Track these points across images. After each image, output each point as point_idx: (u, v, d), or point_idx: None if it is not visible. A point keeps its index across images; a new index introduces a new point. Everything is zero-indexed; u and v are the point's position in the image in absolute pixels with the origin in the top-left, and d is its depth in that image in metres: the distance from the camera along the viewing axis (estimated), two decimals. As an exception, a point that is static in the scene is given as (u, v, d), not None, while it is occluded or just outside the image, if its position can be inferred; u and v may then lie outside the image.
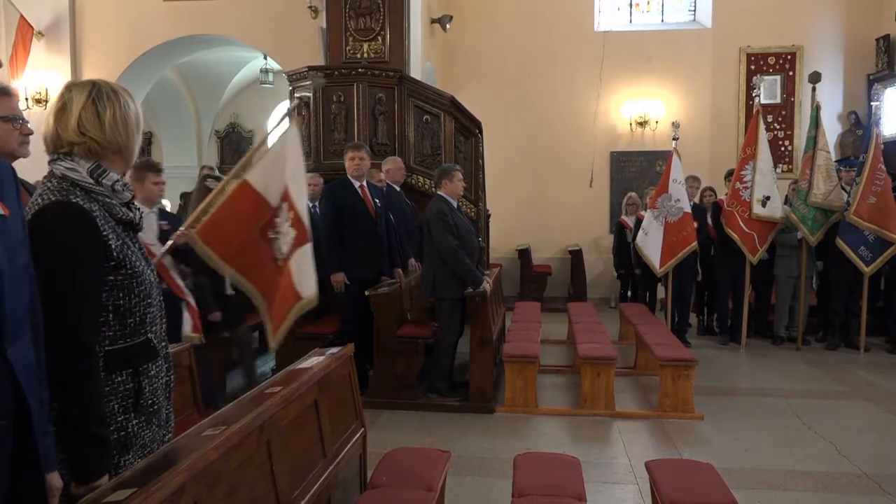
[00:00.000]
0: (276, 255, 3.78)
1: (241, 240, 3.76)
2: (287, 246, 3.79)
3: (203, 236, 3.72)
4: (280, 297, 3.75)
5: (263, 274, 3.74)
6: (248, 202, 3.79)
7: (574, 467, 3.01)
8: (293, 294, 3.81)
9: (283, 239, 3.78)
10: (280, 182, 3.84)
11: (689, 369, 5.27)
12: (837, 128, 10.49)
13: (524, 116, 10.84)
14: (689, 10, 11.11)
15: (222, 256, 3.73)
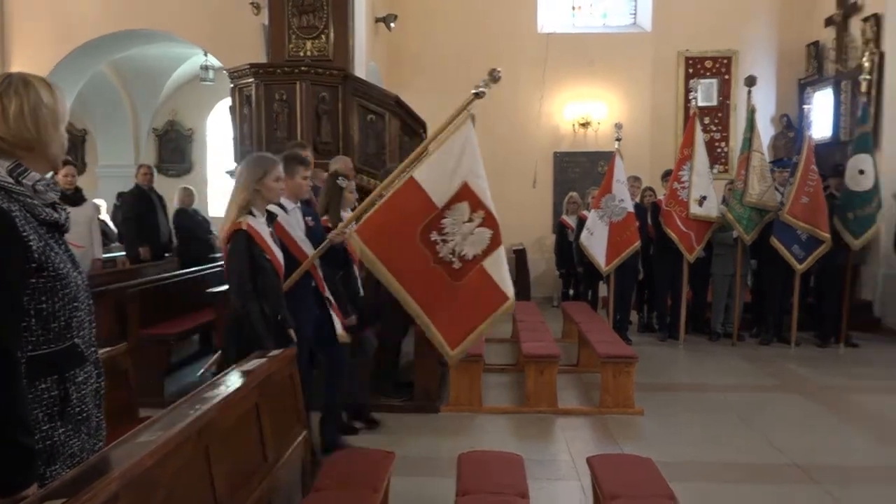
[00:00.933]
0: (448, 259, 3.63)
1: (400, 241, 3.62)
2: (473, 248, 3.66)
3: (363, 235, 3.62)
4: (461, 302, 3.62)
5: (421, 280, 3.61)
6: (412, 200, 3.63)
7: (517, 465, 3.04)
8: (497, 295, 3.68)
9: (465, 242, 3.64)
10: (450, 182, 3.67)
11: (630, 366, 5.37)
12: (771, 130, 10.85)
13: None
14: (631, 13, 11.34)
15: (380, 257, 3.63)
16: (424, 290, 3.62)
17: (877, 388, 6.18)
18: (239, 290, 3.35)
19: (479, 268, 3.65)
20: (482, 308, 3.66)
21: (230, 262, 3.38)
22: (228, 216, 3.42)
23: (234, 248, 3.35)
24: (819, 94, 10.26)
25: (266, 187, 3.46)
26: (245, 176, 3.46)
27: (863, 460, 4.49)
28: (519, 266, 10.46)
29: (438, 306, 3.61)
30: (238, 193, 3.44)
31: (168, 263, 7.88)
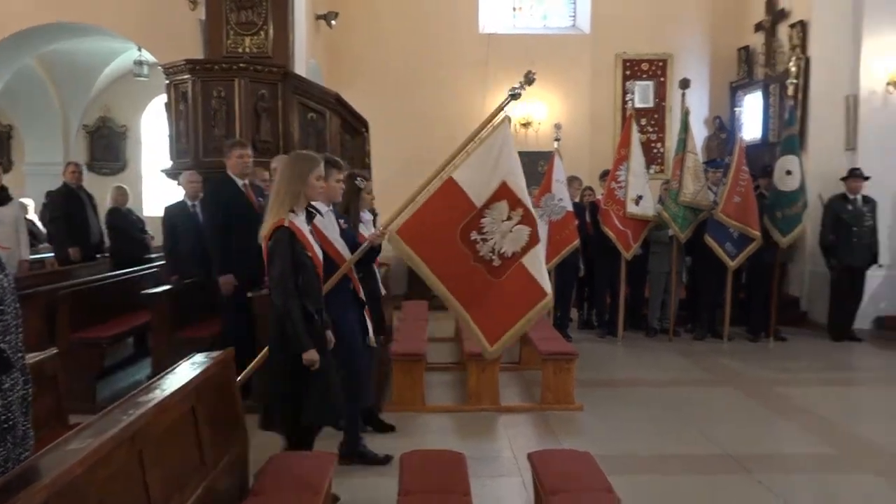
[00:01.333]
0: (488, 257, 3.68)
1: (441, 241, 3.69)
2: (513, 246, 3.69)
3: (404, 236, 3.69)
4: (501, 299, 3.66)
5: (462, 279, 3.66)
6: (452, 200, 3.71)
7: (459, 463, 3.05)
8: (535, 292, 3.70)
9: (504, 240, 3.67)
10: (489, 181, 3.73)
11: (570, 362, 5.47)
12: (704, 131, 11.17)
13: (411, 115, 10.87)
14: (570, 15, 11.51)
15: (422, 257, 3.71)
16: (465, 288, 3.71)
17: (803, 381, 6.44)
18: (280, 287, 3.30)
19: (518, 265, 3.72)
20: (522, 304, 3.73)
21: (272, 258, 3.33)
22: (270, 213, 3.38)
23: (276, 245, 3.31)
24: (749, 97, 10.62)
25: (309, 185, 3.44)
26: (288, 173, 3.44)
27: (791, 449, 4.67)
28: (461, 265, 10.52)
29: (478, 303, 3.70)
30: (280, 190, 3.40)
31: (100, 265, 7.64)
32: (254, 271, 5.56)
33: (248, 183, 5.62)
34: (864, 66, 8.21)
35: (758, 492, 3.91)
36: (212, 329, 5.66)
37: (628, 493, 3.62)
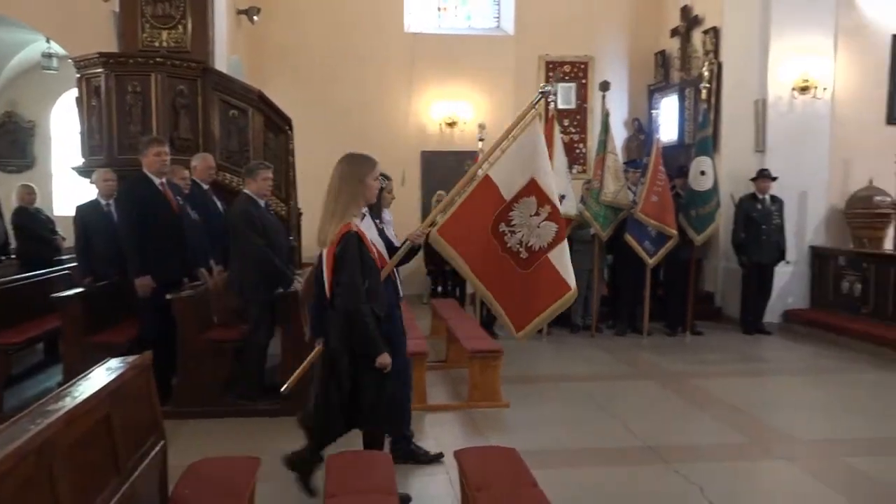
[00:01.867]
0: (515, 248, 3.85)
1: (475, 235, 3.86)
2: (540, 240, 3.85)
3: (445, 235, 3.84)
4: (527, 290, 3.84)
5: (493, 269, 3.85)
6: (486, 196, 3.87)
7: (386, 463, 3.04)
8: (560, 285, 3.87)
9: (532, 234, 3.84)
10: (520, 176, 3.88)
11: (496, 360, 5.52)
12: (624, 133, 11.49)
13: (337, 114, 10.77)
14: (494, 17, 11.64)
15: (461, 254, 3.86)
16: (495, 278, 3.89)
17: (718, 373, 6.72)
18: (352, 292, 3.31)
19: (544, 259, 3.88)
20: (547, 296, 3.89)
21: (342, 263, 3.33)
22: (332, 217, 3.39)
23: (346, 250, 3.32)
24: (666, 100, 10.99)
25: (367, 187, 3.49)
26: (347, 175, 3.48)
27: (706, 439, 4.85)
28: (388, 264, 10.48)
29: (507, 293, 3.88)
30: (341, 193, 3.42)
31: (7, 267, 7.27)
32: (174, 272, 5.41)
33: (166, 181, 5.45)
34: (771, 71, 8.60)
35: (675, 481, 4.04)
36: (128, 333, 5.47)
37: (553, 488, 3.68)
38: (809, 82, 8.52)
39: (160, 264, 5.28)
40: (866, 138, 8.93)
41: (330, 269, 3.42)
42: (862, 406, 5.64)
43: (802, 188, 8.66)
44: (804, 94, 8.55)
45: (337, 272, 3.37)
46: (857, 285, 8.05)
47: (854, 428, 5.04)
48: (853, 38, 8.90)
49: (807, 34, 8.52)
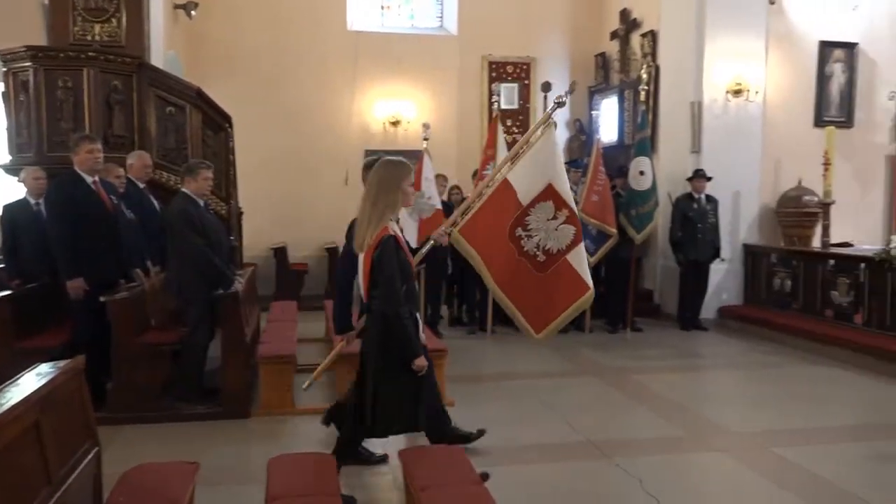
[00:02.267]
0: (532, 252, 4.02)
1: (493, 237, 4.01)
2: (558, 243, 4.01)
3: (466, 234, 4.01)
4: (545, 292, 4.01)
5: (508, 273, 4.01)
6: (504, 199, 4.02)
7: (329, 464, 3.02)
8: (579, 286, 4.05)
9: (550, 237, 4.00)
10: (537, 181, 4.03)
11: (441, 359, 5.51)
12: (566, 133, 11.65)
13: (278, 112, 10.62)
14: (437, 16, 11.64)
15: (480, 254, 4.05)
16: (511, 281, 4.04)
17: (657, 368, 6.88)
18: (393, 295, 3.39)
19: (563, 260, 4.04)
20: (566, 297, 4.06)
21: (381, 267, 3.40)
22: (369, 222, 3.46)
23: (385, 254, 3.39)
24: (606, 102, 11.19)
25: (404, 192, 3.56)
26: (385, 181, 3.51)
27: (646, 433, 4.96)
28: (332, 264, 10.39)
29: (523, 296, 4.03)
30: (378, 198, 3.47)
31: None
32: (108, 273, 5.25)
33: (100, 180, 5.28)
34: (706, 75, 8.84)
35: (616, 474, 4.12)
36: (60, 337, 5.27)
37: (497, 484, 3.71)
38: (742, 85, 8.80)
39: (93, 265, 5.11)
40: (796, 140, 9.27)
41: (367, 272, 3.48)
42: (791, 398, 5.85)
43: (736, 188, 8.93)
44: (737, 97, 8.82)
45: (375, 276, 3.44)
46: (788, 282, 8.35)
47: (784, 419, 5.22)
48: (783, 43, 9.23)
49: (739, 39, 8.79)
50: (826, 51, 9.47)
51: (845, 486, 3.97)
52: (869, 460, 4.40)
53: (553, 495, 3.90)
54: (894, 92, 9.60)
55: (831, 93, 9.57)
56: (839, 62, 9.53)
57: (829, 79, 9.54)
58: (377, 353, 3.48)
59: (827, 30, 9.47)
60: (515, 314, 4.09)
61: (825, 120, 9.37)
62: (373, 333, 3.53)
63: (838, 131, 8.83)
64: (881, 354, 6.59)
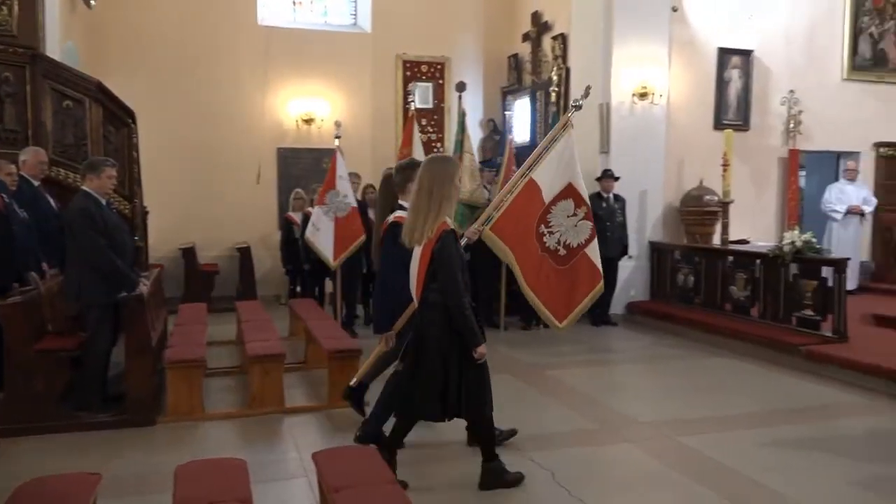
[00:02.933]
0: (554, 247, 4.33)
1: (521, 233, 4.25)
2: (577, 238, 4.33)
3: (498, 231, 4.23)
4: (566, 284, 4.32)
5: (534, 268, 4.30)
6: (531, 197, 4.27)
7: (240, 470, 2.94)
8: (594, 276, 4.39)
9: (570, 233, 4.33)
10: (559, 180, 4.32)
11: (356, 359, 5.48)
12: (480, 133, 11.78)
13: (186, 108, 10.28)
14: (351, 14, 11.55)
15: (514, 251, 4.26)
16: (535, 274, 4.31)
17: (570, 363, 7.05)
18: (456, 286, 3.59)
19: (582, 254, 4.36)
20: (585, 286, 4.37)
21: (442, 260, 3.58)
22: (427, 217, 3.60)
23: (445, 248, 3.57)
24: (519, 102, 11.39)
25: (455, 188, 3.74)
26: (440, 176, 3.66)
27: (559, 427, 5.07)
28: (243, 264, 10.14)
29: (546, 287, 4.32)
30: (434, 193, 3.61)
31: None
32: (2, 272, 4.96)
33: (-11, 177, 4.98)
34: (613, 78, 9.12)
35: (530, 468, 4.19)
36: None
37: (413, 483, 3.73)
38: (647, 89, 9.12)
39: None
40: (697, 142, 9.70)
41: (425, 264, 3.65)
42: (694, 389, 6.12)
43: (642, 187, 9.25)
44: (643, 100, 9.14)
45: (434, 268, 3.62)
46: (691, 277, 8.72)
47: (687, 409, 5.46)
48: (685, 49, 9.64)
49: (645, 44, 9.11)
50: (724, 57, 9.95)
51: (742, 471, 4.18)
52: (764, 446, 4.65)
53: (468, 491, 3.93)
54: (786, 97, 10.19)
55: (729, 97, 10.06)
56: (736, 68, 10.03)
57: (728, 84, 10.03)
58: (444, 343, 3.67)
59: (725, 37, 9.95)
60: (540, 308, 4.37)
61: (724, 123, 9.84)
62: (432, 324, 3.69)
63: (736, 134, 9.30)
64: (775, 345, 6.98)
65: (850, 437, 4.89)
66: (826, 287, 6.89)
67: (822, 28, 10.48)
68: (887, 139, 10.86)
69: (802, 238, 7.16)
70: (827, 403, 5.64)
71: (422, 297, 3.74)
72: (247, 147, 10.64)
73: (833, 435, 4.91)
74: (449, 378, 3.69)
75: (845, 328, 6.77)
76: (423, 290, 3.72)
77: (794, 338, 6.91)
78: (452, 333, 3.65)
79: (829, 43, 10.55)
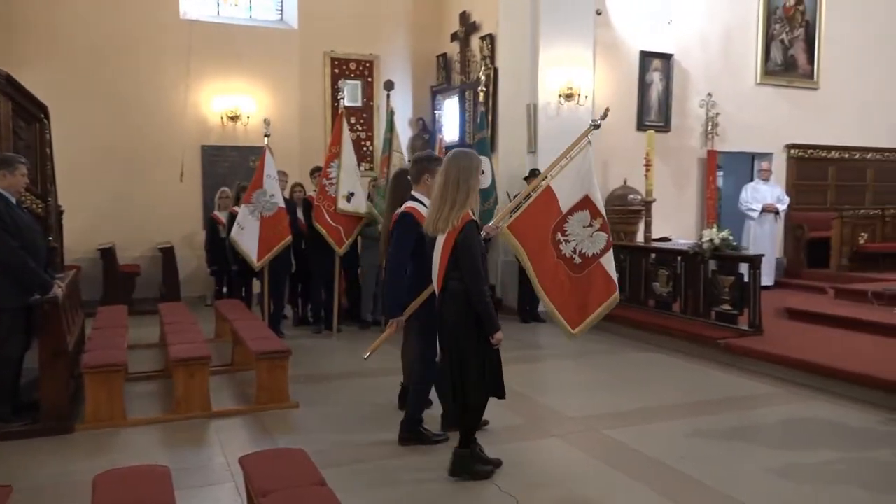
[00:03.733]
0: (569, 255, 4.53)
1: (538, 237, 4.47)
2: (593, 248, 4.54)
3: (514, 230, 4.45)
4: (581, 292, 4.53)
5: (548, 273, 4.48)
6: (548, 204, 4.50)
7: (163, 477, 2.85)
8: (610, 286, 4.60)
9: (585, 242, 4.53)
10: (577, 192, 4.53)
11: (284, 360, 5.41)
12: (409, 132, 11.76)
13: (104, 103, 9.89)
14: (277, 9, 11.34)
15: (527, 252, 4.46)
16: (550, 280, 4.49)
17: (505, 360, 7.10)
18: (478, 274, 3.79)
19: (597, 264, 4.55)
20: (600, 296, 4.55)
21: (466, 249, 3.78)
22: (453, 208, 3.78)
23: (469, 237, 3.78)
24: (448, 102, 11.42)
25: (478, 181, 3.95)
26: (466, 168, 3.83)
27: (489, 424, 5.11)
28: (167, 265, 9.84)
29: (560, 293, 4.50)
30: (461, 184, 3.79)
31: None
32: None
33: None
34: (540, 78, 9.27)
35: (460, 466, 4.22)
36: None
37: (343, 484, 3.69)
38: (573, 90, 9.31)
39: None
40: (621, 142, 9.95)
41: (448, 252, 3.82)
42: (620, 383, 6.29)
43: (569, 187, 9.42)
44: (569, 101, 9.32)
45: (457, 256, 3.79)
46: (616, 275, 8.91)
47: (613, 403, 5.59)
48: (609, 52, 9.89)
49: (570, 46, 9.29)
50: (646, 60, 10.26)
51: (665, 461, 4.33)
52: (686, 436, 4.82)
53: (399, 489, 3.93)
54: (704, 100, 10.58)
55: (651, 99, 10.38)
56: (657, 71, 10.36)
57: (650, 86, 10.34)
58: (466, 328, 3.85)
59: (647, 41, 10.26)
60: (554, 312, 4.53)
61: (646, 124, 10.14)
62: (453, 310, 3.86)
63: (657, 135, 9.57)
64: (695, 339, 7.24)
65: (766, 426, 5.12)
66: (743, 283, 7.18)
67: (737, 34, 10.94)
68: (798, 141, 11.43)
69: (720, 236, 7.44)
70: (744, 394, 5.88)
71: (443, 284, 3.90)
72: (169, 144, 10.31)
73: (750, 424, 5.13)
74: (463, 362, 3.89)
75: (760, 322, 7.08)
76: (445, 278, 3.89)
77: (713, 332, 7.18)
78: (470, 319, 3.83)
79: (744, 48, 11.03)
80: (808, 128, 11.46)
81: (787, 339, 6.93)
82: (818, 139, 11.58)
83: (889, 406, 5.34)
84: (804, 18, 11.41)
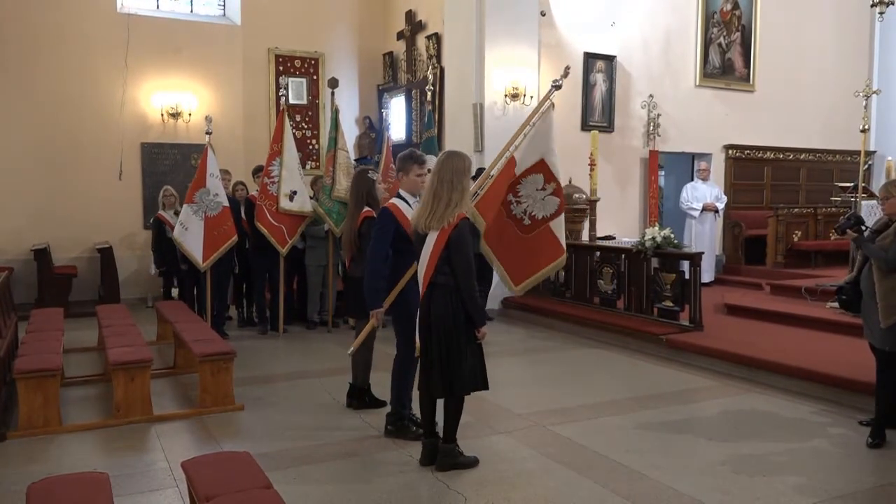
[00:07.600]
0: (519, 216, 4.62)
1: (495, 204, 4.58)
2: (543, 211, 4.61)
3: (479, 207, 4.55)
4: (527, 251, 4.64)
5: (496, 230, 4.59)
6: (507, 174, 4.63)
7: (101, 484, 2.76)
8: (557, 250, 4.68)
9: (537, 205, 4.62)
10: (532, 155, 4.64)
11: (228, 362, 5.31)
12: (356, 130, 11.69)
13: (35, 100, 9.55)
14: (219, 4, 11.12)
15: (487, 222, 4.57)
16: (497, 237, 4.62)
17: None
18: (470, 269, 3.88)
19: (546, 226, 4.62)
20: (546, 257, 4.66)
21: (459, 246, 3.86)
22: (449, 204, 3.86)
23: (462, 235, 3.87)
24: (395, 100, 11.40)
25: (469, 182, 4.09)
26: (460, 169, 3.95)
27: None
28: (105, 266, 9.53)
29: (507, 252, 4.64)
30: (456, 184, 3.89)
31: None
32: None
33: None
34: (486, 78, 9.31)
35: (410, 465, 4.22)
36: None
37: (289, 487, 3.66)
38: (519, 90, 9.38)
39: None
40: (566, 142, 10.02)
41: (440, 248, 3.87)
42: (566, 379, 6.37)
43: (515, 186, 9.50)
44: (515, 101, 9.39)
45: (448, 252, 3.86)
46: (562, 273, 9.05)
47: (559, 399, 5.66)
48: (553, 52, 9.99)
49: (515, 47, 9.37)
50: (590, 62, 10.41)
51: (607, 454, 4.41)
52: (630, 430, 4.91)
53: (348, 492, 3.90)
54: (646, 101, 10.80)
55: (595, 100, 10.54)
56: (601, 72, 10.53)
57: (593, 87, 10.50)
58: (454, 323, 3.91)
59: (590, 43, 10.42)
60: (498, 267, 4.68)
61: (590, 124, 10.29)
62: (442, 305, 3.92)
63: (601, 135, 9.74)
64: (639, 335, 7.39)
65: (707, 419, 5.26)
66: (683, 279, 7.36)
67: (677, 37, 11.21)
68: (735, 142, 11.78)
69: (662, 234, 7.61)
70: (686, 388, 6.03)
71: (431, 280, 3.95)
72: (106, 141, 10.01)
73: (692, 417, 5.26)
74: (449, 355, 3.96)
75: (701, 317, 7.27)
76: (434, 274, 3.94)
77: (656, 327, 7.35)
78: (459, 314, 3.91)
79: (684, 51, 11.31)
80: (745, 129, 11.83)
81: (726, 333, 7.14)
82: (754, 140, 11.95)
83: (822, 397, 5.55)
84: (740, 23, 11.76)
